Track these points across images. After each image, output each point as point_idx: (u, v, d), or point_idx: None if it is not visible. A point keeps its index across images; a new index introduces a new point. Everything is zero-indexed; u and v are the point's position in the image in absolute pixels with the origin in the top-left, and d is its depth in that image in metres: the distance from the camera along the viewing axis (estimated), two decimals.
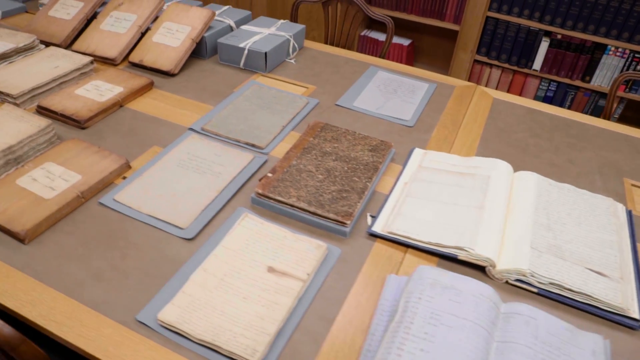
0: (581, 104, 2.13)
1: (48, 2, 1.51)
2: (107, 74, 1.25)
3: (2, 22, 1.58)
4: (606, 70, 2.00)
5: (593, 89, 2.08)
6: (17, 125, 1.01)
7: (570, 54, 2.03)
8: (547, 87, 2.16)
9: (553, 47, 2.05)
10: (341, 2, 1.60)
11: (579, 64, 2.04)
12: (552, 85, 2.15)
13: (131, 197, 0.91)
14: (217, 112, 1.17)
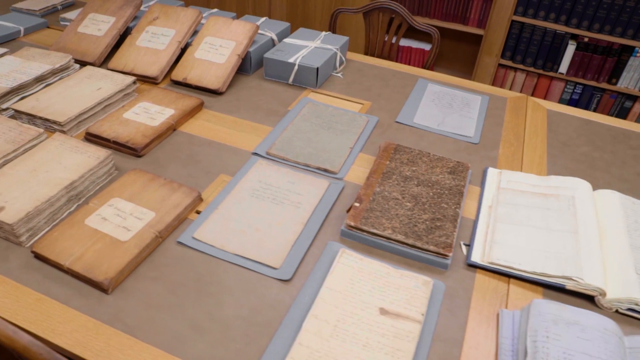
0: (607, 106, 2.11)
1: (75, 17, 1.41)
2: (152, 94, 1.16)
3: (24, 40, 1.46)
4: (633, 72, 1.99)
5: (620, 91, 2.06)
6: (75, 158, 0.91)
7: (597, 57, 2.00)
8: (573, 90, 2.14)
9: (580, 50, 2.02)
10: (383, 12, 1.54)
11: (605, 66, 2.02)
12: (577, 88, 2.13)
13: (212, 235, 0.83)
14: (278, 134, 1.09)
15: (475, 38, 2.26)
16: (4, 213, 0.79)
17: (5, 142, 0.95)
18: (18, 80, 1.13)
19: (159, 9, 1.37)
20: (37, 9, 1.59)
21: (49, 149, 0.93)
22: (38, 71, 1.17)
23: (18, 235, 0.78)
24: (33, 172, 0.88)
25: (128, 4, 1.40)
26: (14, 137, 0.96)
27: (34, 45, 1.43)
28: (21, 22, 1.49)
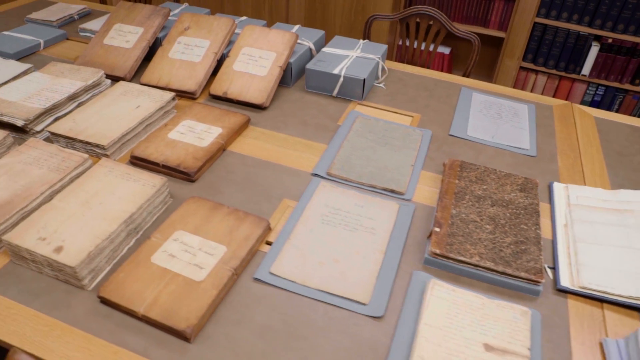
0: (630, 107, 2.09)
1: (100, 28, 1.31)
2: (195, 111, 1.08)
3: (44, 53, 1.36)
4: None
5: None
6: (128, 186, 0.83)
7: (621, 58, 1.97)
8: (595, 92, 2.11)
9: (603, 52, 1.99)
10: (422, 18, 1.47)
11: (629, 67, 1.99)
12: (599, 90, 2.10)
13: (290, 269, 0.76)
14: (335, 153, 1.02)
15: (495, 41, 2.21)
16: (63, 254, 0.70)
17: (49, 170, 0.87)
18: (51, 100, 1.04)
19: (189, 18, 1.29)
20: (53, 19, 1.49)
21: (98, 177, 0.85)
22: (70, 89, 1.08)
23: (80, 278, 0.70)
24: (86, 204, 0.79)
25: (156, 14, 1.31)
26: (57, 164, 0.88)
27: (55, 59, 1.34)
28: (39, 34, 1.39)
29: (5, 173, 0.85)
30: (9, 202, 0.80)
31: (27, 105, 1.03)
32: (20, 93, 1.07)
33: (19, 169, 0.87)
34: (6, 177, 0.85)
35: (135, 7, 1.33)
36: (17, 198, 0.81)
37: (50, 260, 0.71)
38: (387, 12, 2.02)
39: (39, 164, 0.88)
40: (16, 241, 0.72)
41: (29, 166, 0.87)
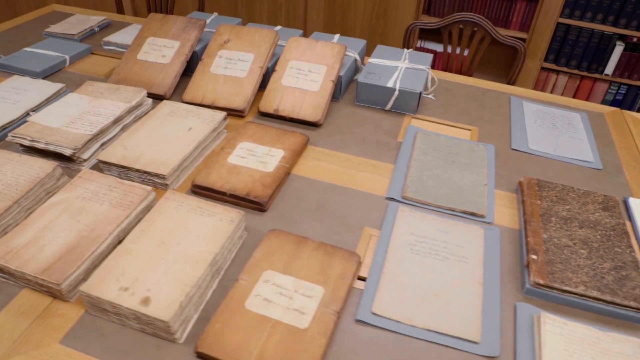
0: None
1: (132, 43, 1.23)
2: (249, 131, 1.01)
3: (70, 70, 1.27)
4: None
5: None
6: (204, 222, 0.76)
7: None
8: (617, 91, 2.09)
9: (627, 51, 1.97)
10: (465, 25, 1.42)
11: None
12: (621, 89, 2.09)
13: (392, 307, 0.71)
14: (404, 173, 0.96)
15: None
16: (153, 307, 0.63)
17: (111, 205, 0.79)
18: (96, 124, 0.96)
19: (228, 30, 1.21)
20: (74, 33, 1.39)
21: (168, 213, 0.78)
22: (114, 111, 1.00)
23: (173, 332, 0.63)
24: (162, 245, 0.72)
25: (191, 26, 1.23)
26: (119, 198, 0.80)
27: (84, 76, 1.24)
28: (63, 50, 1.30)
29: (65, 211, 0.78)
30: (76, 245, 0.72)
31: (71, 132, 0.94)
32: (61, 118, 0.98)
33: (79, 205, 0.79)
34: (67, 216, 0.77)
35: (167, 19, 1.25)
36: (84, 240, 0.73)
37: (138, 314, 0.63)
38: (411, 16, 1.97)
39: (98, 199, 0.80)
40: (96, 293, 0.65)
41: (89, 202, 0.79)
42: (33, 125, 0.96)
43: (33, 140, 0.92)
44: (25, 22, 1.50)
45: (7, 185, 0.82)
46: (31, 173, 0.85)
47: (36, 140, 0.92)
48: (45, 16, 1.55)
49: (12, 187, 0.82)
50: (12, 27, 1.46)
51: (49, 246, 0.72)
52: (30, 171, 0.86)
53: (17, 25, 1.48)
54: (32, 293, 0.70)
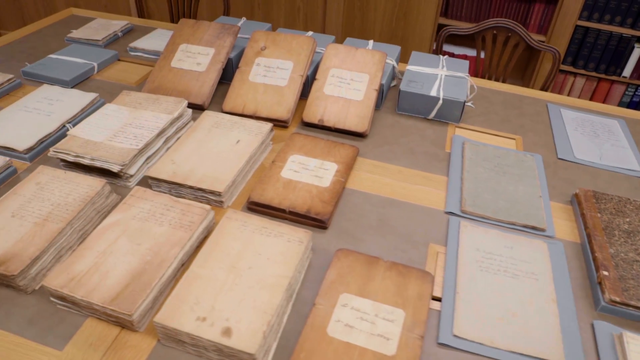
0: None
1: (164, 49, 1.18)
2: (297, 143, 0.98)
3: (99, 77, 1.22)
4: None
5: None
6: (272, 244, 0.73)
7: None
8: (634, 92, 2.10)
9: None
10: (499, 31, 1.39)
11: None
12: (639, 91, 2.09)
13: (471, 328, 0.68)
14: (459, 185, 0.94)
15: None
16: (235, 338, 0.60)
17: (171, 226, 0.75)
18: (140, 138, 0.91)
19: (264, 36, 1.17)
20: (99, 38, 1.34)
21: (233, 234, 0.74)
22: (157, 123, 0.96)
23: None
24: (233, 270, 0.69)
25: (225, 32, 1.18)
26: (178, 218, 0.76)
27: (114, 84, 1.19)
28: (89, 56, 1.24)
29: (123, 233, 0.73)
30: (142, 271, 0.68)
31: (116, 146, 0.90)
32: (102, 131, 0.93)
33: (137, 227, 0.75)
34: (126, 238, 0.73)
35: (200, 25, 1.21)
36: (149, 266, 0.69)
37: (220, 346, 0.60)
38: (431, 19, 1.95)
39: (156, 219, 0.76)
40: (173, 324, 0.61)
41: (147, 223, 0.75)
42: (75, 140, 0.91)
43: (77, 155, 0.88)
44: (44, 28, 1.44)
45: (56, 205, 0.78)
46: (80, 191, 0.81)
47: (81, 155, 0.87)
48: (64, 21, 1.49)
49: (62, 207, 0.78)
50: (31, 33, 1.40)
51: (113, 273, 0.68)
52: (79, 189, 0.81)
53: (36, 30, 1.42)
54: (97, 323, 0.66)
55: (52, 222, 0.75)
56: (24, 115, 1.01)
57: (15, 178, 0.90)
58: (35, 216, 0.76)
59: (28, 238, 0.73)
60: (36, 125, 0.99)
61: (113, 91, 1.17)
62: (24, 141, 0.95)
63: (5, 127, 0.98)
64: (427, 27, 1.92)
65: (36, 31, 1.42)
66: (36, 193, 0.80)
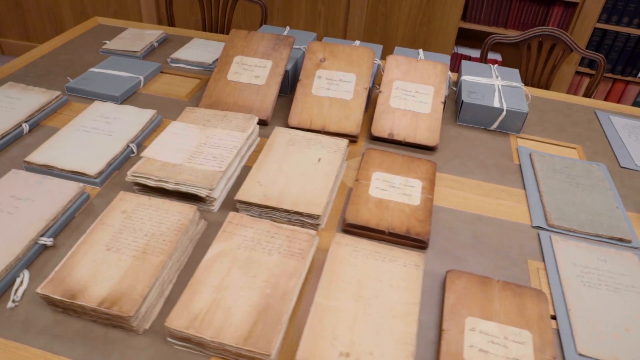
0: None
1: (218, 62, 1.15)
2: (375, 159, 0.97)
3: (145, 92, 1.18)
4: None
5: None
6: (390, 269, 0.72)
7: None
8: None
9: None
10: (545, 40, 1.42)
11: None
12: None
13: (594, 346, 0.70)
14: (538, 198, 0.96)
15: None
16: None
17: (282, 255, 0.74)
18: (221, 159, 0.89)
19: (321, 47, 1.16)
20: (137, 49, 1.30)
21: (347, 260, 0.73)
22: (233, 142, 0.94)
23: None
24: (360, 299, 0.68)
25: (281, 43, 1.17)
26: (285, 246, 0.75)
27: (163, 98, 1.16)
28: (132, 69, 1.20)
29: (233, 265, 0.72)
30: (266, 306, 0.66)
31: (197, 168, 0.87)
32: (177, 152, 0.91)
33: (245, 257, 0.73)
34: (238, 270, 0.71)
35: (252, 36, 1.18)
36: (271, 300, 0.67)
37: None
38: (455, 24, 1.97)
39: (263, 247, 0.75)
40: None
41: (255, 253, 0.74)
42: (151, 162, 0.88)
43: (160, 180, 0.85)
44: (74, 39, 1.38)
45: (151, 236, 0.76)
46: (171, 219, 0.78)
47: (163, 180, 0.85)
48: (93, 31, 1.44)
49: (157, 238, 0.75)
50: (61, 45, 1.34)
51: (236, 309, 0.66)
52: (170, 217, 0.79)
53: (65, 42, 1.36)
54: None
55: (151, 255, 0.73)
56: (84, 136, 0.97)
57: (89, 205, 0.87)
58: (132, 249, 0.74)
59: (132, 274, 0.70)
60: (100, 146, 0.95)
61: (164, 106, 1.14)
62: (93, 164, 0.91)
63: (69, 150, 0.94)
64: (451, 31, 1.95)
65: (66, 43, 1.36)
66: (125, 223, 0.78)
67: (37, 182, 0.86)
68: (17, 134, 1.01)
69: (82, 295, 0.67)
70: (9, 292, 0.71)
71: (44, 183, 0.86)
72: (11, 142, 0.99)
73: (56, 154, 0.93)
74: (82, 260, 0.71)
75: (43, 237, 0.78)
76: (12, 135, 0.99)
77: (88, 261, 0.71)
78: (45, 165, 0.91)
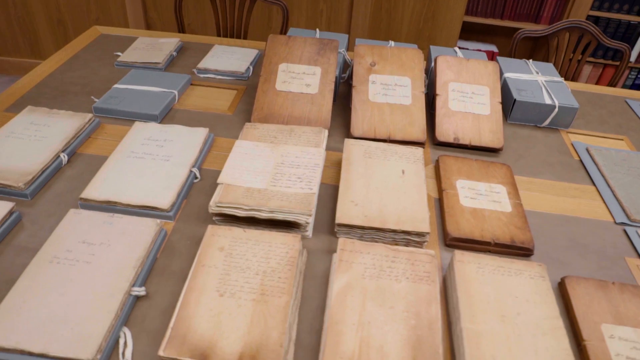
0: None
1: (262, 71, 1.10)
2: (453, 167, 0.97)
3: (180, 107, 1.11)
4: None
5: None
6: (517, 284, 0.73)
7: None
8: (636, 76, 2.33)
9: None
10: (572, 33, 1.47)
11: None
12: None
13: None
14: (609, 194, 1.00)
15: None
16: None
17: (410, 281, 0.72)
18: (307, 179, 0.85)
19: (369, 51, 1.14)
20: (158, 60, 1.22)
21: (476, 279, 0.73)
22: (312, 159, 0.90)
23: None
24: (504, 319, 0.67)
25: (326, 48, 1.14)
26: (410, 270, 0.73)
27: (204, 114, 1.09)
28: (162, 83, 1.12)
29: (366, 298, 0.69)
30: (418, 339, 0.64)
31: (286, 192, 0.83)
32: (256, 174, 0.86)
33: (375, 287, 0.70)
34: (373, 303, 0.68)
35: (293, 41, 1.14)
36: (420, 331, 0.65)
37: None
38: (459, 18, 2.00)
39: (387, 274, 0.72)
40: None
41: (382, 281, 0.71)
42: (234, 189, 0.83)
43: (252, 209, 0.80)
44: (79, 52, 1.27)
45: (263, 274, 0.71)
46: (277, 252, 0.75)
47: (255, 209, 0.80)
48: (97, 42, 1.33)
49: (272, 275, 0.71)
50: (68, 60, 1.23)
51: (388, 347, 0.63)
52: (275, 250, 0.75)
53: (71, 56, 1.25)
54: None
55: (272, 296, 0.69)
56: (138, 164, 0.90)
57: (168, 242, 0.81)
58: (247, 292, 0.69)
59: (259, 320, 0.66)
60: (161, 174, 0.89)
61: (209, 122, 1.08)
62: (162, 196, 0.85)
63: (128, 181, 0.86)
64: (455, 25, 1.98)
65: (73, 57, 1.25)
66: (228, 262, 0.73)
67: (105, 222, 0.79)
68: (57, 167, 0.92)
69: (215, 354, 0.62)
70: (114, 355, 0.65)
71: (114, 223, 0.79)
72: (52, 176, 0.90)
73: (116, 188, 0.85)
74: (197, 312, 0.66)
75: (135, 287, 0.71)
76: (51, 168, 0.90)
77: (204, 312, 0.66)
78: (107, 202, 0.83)
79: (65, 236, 0.76)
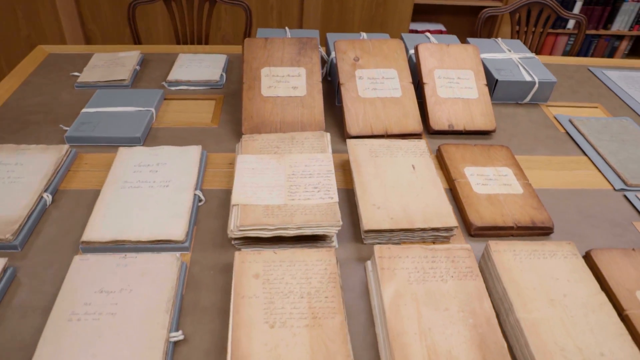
0: (601, 49, 2.52)
1: (244, 79, 1.05)
2: (455, 154, 0.99)
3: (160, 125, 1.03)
4: (624, 16, 2.41)
5: (612, 34, 2.48)
6: (557, 265, 0.75)
7: (599, 8, 2.36)
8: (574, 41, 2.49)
9: (585, 5, 2.35)
10: (532, 7, 1.52)
11: (604, 15, 2.39)
12: None
13: None
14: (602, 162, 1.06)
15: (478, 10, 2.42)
16: None
17: (455, 279, 0.71)
18: (325, 188, 0.83)
19: (349, 46, 1.12)
20: (124, 77, 1.12)
21: (516, 266, 0.74)
22: (322, 166, 0.87)
23: None
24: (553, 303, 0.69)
25: (306, 47, 1.10)
26: (452, 268, 0.73)
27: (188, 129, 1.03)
28: (135, 102, 1.04)
29: (419, 304, 0.68)
30: (482, 338, 0.64)
31: (307, 204, 0.80)
32: (270, 190, 0.83)
33: (424, 291, 0.69)
34: (427, 309, 0.68)
35: (272, 43, 1.10)
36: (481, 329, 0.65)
37: None
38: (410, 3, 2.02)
39: (432, 276, 0.72)
40: None
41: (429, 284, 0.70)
42: (252, 209, 0.79)
43: (278, 228, 0.77)
44: (29, 77, 1.15)
45: (307, 296, 0.68)
46: (315, 270, 0.72)
47: (282, 227, 0.77)
48: (46, 63, 1.21)
49: (318, 296, 0.68)
50: (19, 87, 1.11)
51: (456, 350, 0.63)
52: (312, 268, 0.72)
53: (22, 82, 1.12)
54: None
55: (324, 319, 0.66)
56: (136, 195, 0.84)
57: (190, 275, 0.76)
58: (298, 318, 0.66)
59: (320, 347, 0.63)
60: (164, 202, 0.83)
61: (195, 138, 1.02)
62: (173, 227, 0.79)
63: (130, 216, 0.80)
64: (407, 8, 2.01)
65: (24, 83, 1.12)
66: (268, 289, 0.70)
67: (118, 265, 0.73)
68: (42, 209, 0.83)
69: None
70: None
71: (129, 264, 0.73)
72: (38, 220, 0.82)
73: (119, 224, 0.79)
74: (252, 349, 0.63)
75: (172, 333, 0.66)
76: (37, 211, 0.81)
77: (259, 348, 0.63)
78: (114, 241, 0.77)
79: (77, 288, 0.69)
